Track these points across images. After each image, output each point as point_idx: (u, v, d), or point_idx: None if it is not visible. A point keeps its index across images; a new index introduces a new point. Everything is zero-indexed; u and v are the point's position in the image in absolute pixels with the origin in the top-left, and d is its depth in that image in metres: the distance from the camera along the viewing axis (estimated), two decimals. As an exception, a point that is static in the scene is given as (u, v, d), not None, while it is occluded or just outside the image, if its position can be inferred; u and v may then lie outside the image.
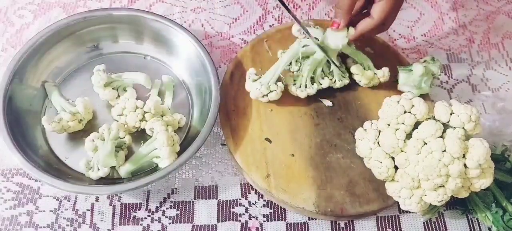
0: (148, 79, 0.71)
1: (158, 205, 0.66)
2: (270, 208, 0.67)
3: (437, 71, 0.71)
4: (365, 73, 0.71)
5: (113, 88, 0.70)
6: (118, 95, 0.70)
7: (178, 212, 0.66)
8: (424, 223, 0.67)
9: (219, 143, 0.72)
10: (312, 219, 0.66)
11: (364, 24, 0.66)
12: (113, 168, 0.65)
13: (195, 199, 0.67)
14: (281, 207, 0.67)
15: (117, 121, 0.67)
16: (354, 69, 0.71)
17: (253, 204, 0.67)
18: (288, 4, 0.88)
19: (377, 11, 0.64)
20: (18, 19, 0.83)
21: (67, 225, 0.64)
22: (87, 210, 0.65)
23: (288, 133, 0.69)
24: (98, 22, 0.74)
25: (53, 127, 0.65)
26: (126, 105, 0.67)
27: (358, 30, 0.66)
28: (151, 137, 0.66)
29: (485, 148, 0.54)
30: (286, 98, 0.71)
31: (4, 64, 0.69)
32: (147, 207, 0.66)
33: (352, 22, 0.67)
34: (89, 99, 0.69)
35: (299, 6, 0.88)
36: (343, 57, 0.73)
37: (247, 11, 0.86)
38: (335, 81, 0.71)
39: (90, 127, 0.69)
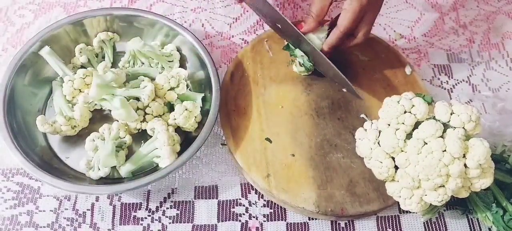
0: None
1: (158, 205, 0.66)
2: (270, 208, 0.67)
3: None
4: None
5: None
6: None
7: (178, 211, 0.66)
8: (424, 223, 0.67)
9: (219, 142, 0.72)
10: (312, 219, 0.66)
11: (331, 37, 0.67)
12: (113, 167, 0.65)
13: (195, 198, 0.67)
14: (281, 207, 0.67)
15: (118, 121, 0.67)
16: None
17: (253, 204, 0.67)
18: (288, 4, 0.88)
19: (340, 20, 0.65)
20: (19, 19, 0.83)
21: (67, 225, 0.64)
22: (88, 209, 0.65)
23: (288, 132, 0.69)
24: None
25: (45, 128, 0.65)
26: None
27: (327, 42, 0.68)
28: (151, 136, 0.66)
29: (486, 148, 0.54)
30: (287, 98, 0.72)
31: (5, 64, 0.69)
32: (147, 206, 0.66)
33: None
34: (88, 106, 0.69)
35: (300, 6, 0.88)
36: None
37: (247, 11, 0.86)
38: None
39: (84, 132, 0.68)
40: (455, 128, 0.56)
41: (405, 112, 0.58)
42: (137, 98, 0.67)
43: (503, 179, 0.64)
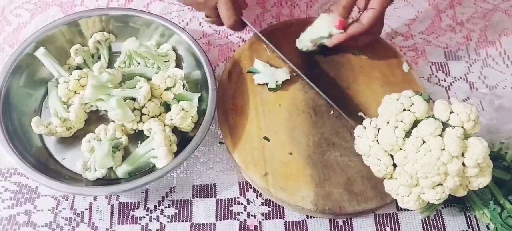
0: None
1: (157, 204, 0.66)
2: (269, 206, 0.67)
3: None
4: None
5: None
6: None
7: (177, 210, 0.66)
8: (422, 220, 0.67)
9: (217, 141, 0.72)
10: (311, 217, 0.66)
11: (353, 29, 0.69)
12: (110, 168, 0.65)
13: (193, 197, 0.67)
14: (279, 205, 0.67)
15: (114, 121, 0.67)
16: None
17: (251, 202, 0.67)
18: (285, 2, 0.88)
19: (366, 17, 0.67)
20: (15, 18, 0.82)
21: (65, 224, 0.64)
22: (86, 209, 0.65)
23: (286, 131, 0.69)
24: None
25: (41, 130, 0.65)
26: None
27: (348, 32, 0.69)
28: (148, 137, 0.66)
29: (484, 147, 0.54)
30: (285, 96, 0.72)
31: (1, 63, 0.68)
32: (145, 206, 0.66)
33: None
34: (84, 108, 0.68)
35: (297, 4, 0.88)
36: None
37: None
38: None
39: (80, 133, 0.68)
40: (454, 126, 0.56)
41: (404, 110, 0.57)
42: (133, 99, 0.67)
43: (501, 176, 0.64)
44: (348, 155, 0.67)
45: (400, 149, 0.57)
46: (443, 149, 0.54)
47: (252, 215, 0.66)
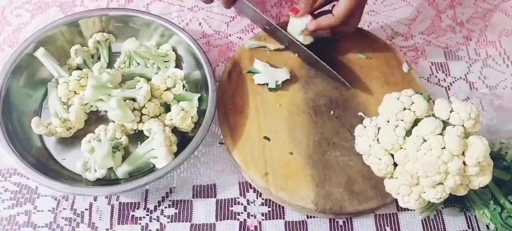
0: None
1: (157, 204, 0.66)
2: (269, 207, 0.67)
3: None
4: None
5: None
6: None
7: (177, 211, 0.66)
8: (422, 220, 0.67)
9: (217, 141, 0.72)
10: (311, 217, 0.66)
11: (325, 20, 0.68)
12: (110, 168, 0.64)
13: (193, 198, 0.67)
14: (279, 205, 0.67)
15: (114, 122, 0.67)
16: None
17: (251, 202, 0.67)
18: (285, 2, 0.88)
19: (339, 10, 0.67)
20: (15, 19, 0.82)
21: (65, 225, 0.64)
22: (86, 209, 0.65)
23: (287, 131, 0.69)
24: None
25: (40, 130, 0.65)
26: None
27: (317, 22, 0.69)
28: (148, 137, 0.66)
29: (485, 146, 0.54)
30: (285, 96, 0.72)
31: (1, 64, 0.68)
32: (145, 206, 0.66)
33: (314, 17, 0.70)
34: (84, 108, 0.68)
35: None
36: None
37: (244, 9, 0.86)
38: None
39: (80, 134, 0.68)
40: (454, 125, 0.56)
41: (404, 109, 0.58)
42: (133, 99, 0.67)
43: (501, 176, 0.64)
44: (348, 155, 0.67)
45: (401, 148, 0.57)
46: (444, 148, 0.54)
47: (252, 215, 0.66)
